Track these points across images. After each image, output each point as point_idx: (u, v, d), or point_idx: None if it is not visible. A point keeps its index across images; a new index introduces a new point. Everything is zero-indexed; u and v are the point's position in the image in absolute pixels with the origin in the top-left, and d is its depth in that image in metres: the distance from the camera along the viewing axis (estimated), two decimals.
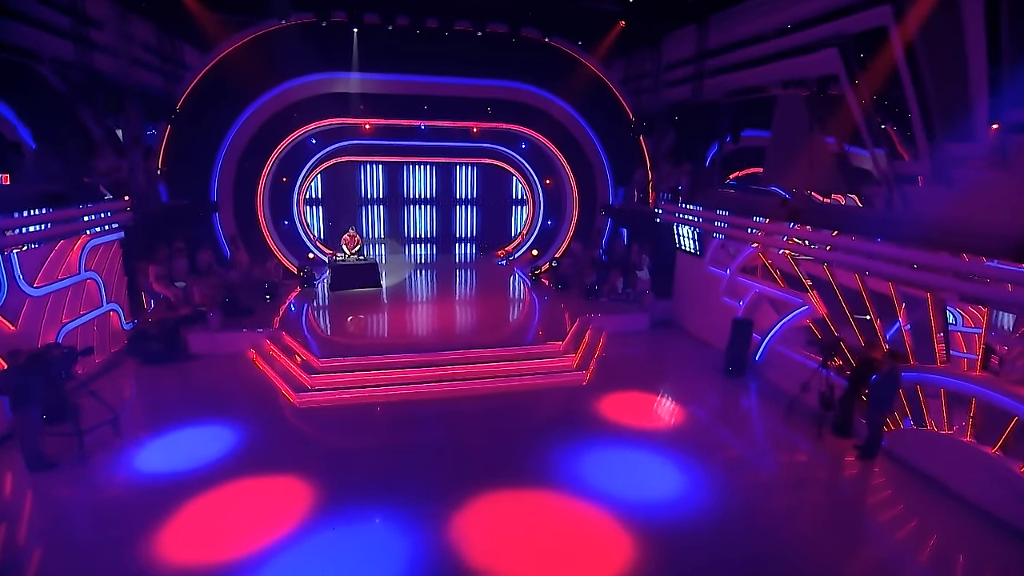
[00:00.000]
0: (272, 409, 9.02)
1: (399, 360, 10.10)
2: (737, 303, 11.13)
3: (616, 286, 14.00)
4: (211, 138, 13.81)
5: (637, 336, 12.49)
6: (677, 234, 13.11)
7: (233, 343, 11.13)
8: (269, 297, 13.32)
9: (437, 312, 12.80)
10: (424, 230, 19.69)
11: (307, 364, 10.12)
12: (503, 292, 14.58)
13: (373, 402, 9.25)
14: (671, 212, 12.85)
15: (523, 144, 17.93)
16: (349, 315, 12.38)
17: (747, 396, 9.90)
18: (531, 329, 11.59)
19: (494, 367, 10.09)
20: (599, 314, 12.46)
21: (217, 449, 7.83)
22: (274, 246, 15.39)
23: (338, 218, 18.06)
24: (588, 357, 10.86)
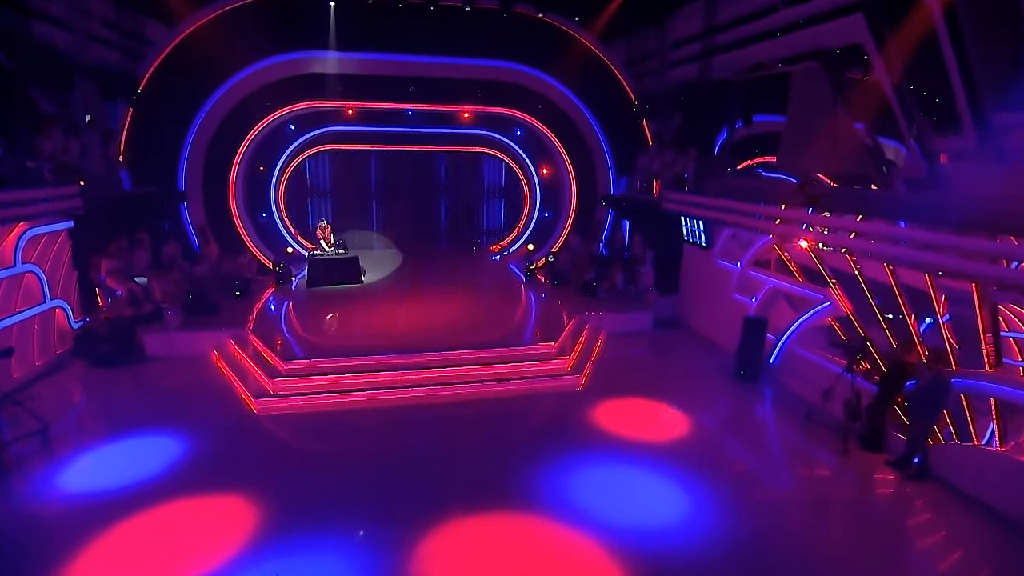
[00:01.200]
0: (228, 418, 8.42)
1: (370, 363, 9.53)
2: (749, 300, 10.62)
3: (616, 282, 13.48)
4: (178, 121, 13.24)
5: (639, 336, 11.99)
6: (683, 225, 12.59)
7: (194, 344, 10.53)
8: (240, 294, 12.75)
9: (418, 310, 12.33)
10: (414, 222, 19.28)
11: (270, 367, 9.50)
12: (493, 289, 14.15)
13: (341, 409, 8.68)
14: (677, 201, 12.33)
15: (518, 130, 17.42)
16: (321, 313, 11.95)
17: (761, 403, 9.30)
18: (521, 329, 11.11)
19: (478, 370, 9.59)
20: (597, 312, 11.98)
21: (157, 464, 7.15)
22: (248, 239, 14.86)
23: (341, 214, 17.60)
24: (584, 359, 10.34)
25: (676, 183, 13.03)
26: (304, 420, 8.41)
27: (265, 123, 14.42)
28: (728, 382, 9.87)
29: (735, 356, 9.90)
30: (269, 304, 12.60)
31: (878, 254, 7.75)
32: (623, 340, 11.58)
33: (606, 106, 15.32)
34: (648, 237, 14.07)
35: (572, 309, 11.94)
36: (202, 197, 14.11)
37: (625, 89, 15.27)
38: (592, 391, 9.37)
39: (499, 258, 17.40)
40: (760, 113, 13.21)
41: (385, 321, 11.62)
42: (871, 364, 8.04)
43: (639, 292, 13.09)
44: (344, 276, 14.07)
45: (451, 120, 17.06)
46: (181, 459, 7.25)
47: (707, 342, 11.80)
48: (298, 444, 7.79)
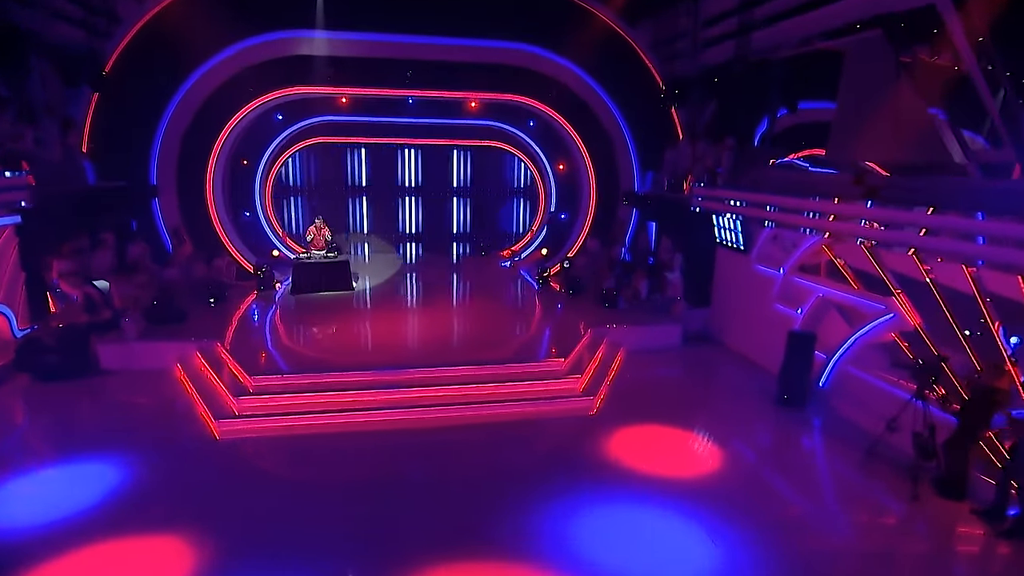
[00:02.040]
0: (183, 442, 7.94)
1: (351, 380, 9.05)
2: (794, 311, 10.07)
3: (639, 291, 12.97)
4: (149, 108, 12.94)
5: (665, 353, 11.47)
6: (717, 226, 12.07)
7: (155, 356, 10.14)
8: (214, 301, 12.45)
9: (413, 322, 12.06)
10: (415, 224, 19.20)
11: (236, 383, 9.05)
12: (500, 298, 13.87)
13: (314, 433, 8.21)
14: (709, 198, 11.81)
15: (531, 121, 17.08)
16: (303, 324, 11.66)
17: (809, 434, 8.63)
18: (528, 343, 10.74)
19: (474, 390, 9.09)
20: (617, 325, 11.52)
21: (91, 496, 6.62)
22: (227, 240, 14.53)
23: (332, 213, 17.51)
24: (599, 379, 9.83)
25: (708, 178, 12.50)
26: (272, 445, 7.94)
27: (247, 111, 14.14)
28: (769, 408, 9.29)
29: (777, 377, 9.35)
30: (245, 313, 12.32)
31: (954, 254, 6.96)
32: (646, 358, 11.11)
33: (629, 92, 14.87)
34: (677, 240, 13.62)
35: (588, 321, 11.58)
36: (176, 193, 13.87)
37: (651, 73, 14.77)
38: (607, 416, 8.86)
39: (509, 264, 17.20)
40: (806, 100, 12.62)
41: (374, 333, 11.35)
42: (948, 390, 7.19)
43: (665, 303, 12.64)
44: (333, 282, 13.76)
45: (457, 110, 16.82)
46: (121, 490, 6.76)
47: (744, 361, 11.32)
48: (261, 474, 7.31)
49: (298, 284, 13.57)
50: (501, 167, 18.97)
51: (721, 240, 12.06)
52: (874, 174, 9.18)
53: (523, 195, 19.30)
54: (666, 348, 11.63)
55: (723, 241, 12.01)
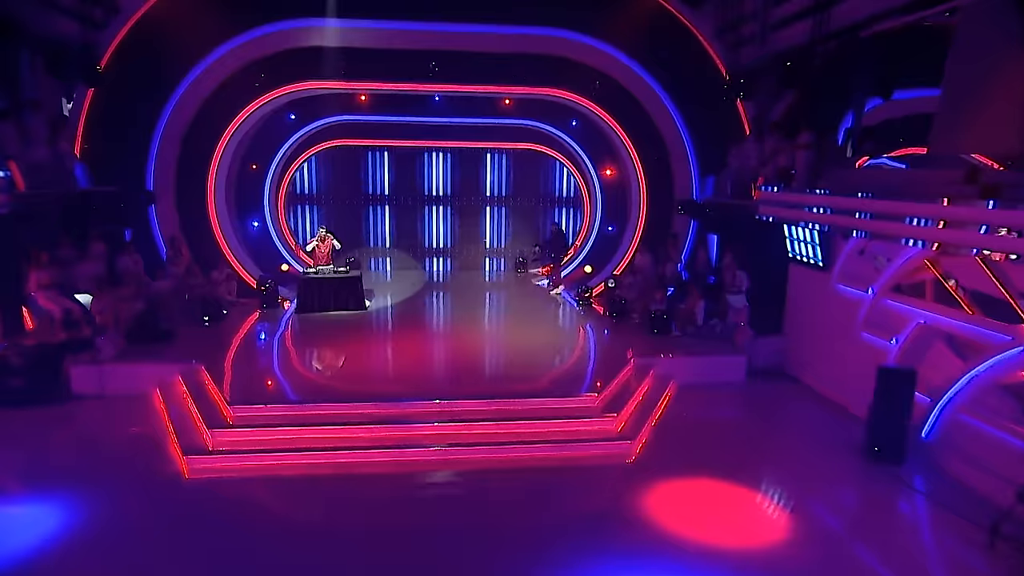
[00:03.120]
0: (145, 481, 7.59)
1: (344, 413, 8.69)
2: (887, 341, 9.17)
3: (695, 315, 12.27)
4: (146, 106, 13.05)
5: (724, 390, 10.81)
6: (790, 238, 11.31)
7: (133, 380, 9.94)
8: (208, 319, 12.42)
9: (430, 348, 11.85)
10: (443, 238, 19.29)
11: (214, 413, 8.76)
12: (533, 322, 13.55)
13: (297, 475, 7.84)
14: (781, 205, 11.12)
15: (573, 120, 16.83)
16: (305, 348, 11.71)
17: (909, 499, 7.64)
18: (558, 375, 10.32)
19: (488, 429, 8.58)
20: (667, 355, 10.99)
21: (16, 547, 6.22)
22: (228, 252, 14.52)
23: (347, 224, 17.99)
24: (640, 419, 9.18)
25: (780, 181, 11.71)
26: (248, 488, 7.53)
27: (253, 109, 14.14)
28: (856, 462, 8.40)
29: (866, 424, 8.48)
30: (240, 333, 12.25)
31: None
32: (701, 395, 10.46)
33: (687, 84, 14.32)
34: (741, 256, 12.93)
35: (632, 350, 11.12)
36: (174, 199, 13.96)
37: (713, 61, 14.10)
38: (649, 464, 8.19)
39: (548, 283, 16.92)
40: (904, 87, 11.57)
41: (380, 361, 11.26)
42: None
43: (727, 329, 12.00)
44: (342, 301, 13.67)
45: (489, 108, 16.72)
46: (58, 539, 6.37)
47: (824, 401, 10.52)
48: (231, 522, 6.86)
49: (303, 302, 13.49)
50: (541, 173, 18.87)
51: (795, 255, 11.32)
52: (990, 170, 8.08)
53: (567, 205, 19.13)
54: (726, 384, 10.96)
55: (798, 256, 11.26)
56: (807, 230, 10.74)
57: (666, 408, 9.84)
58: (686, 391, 10.37)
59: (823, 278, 10.54)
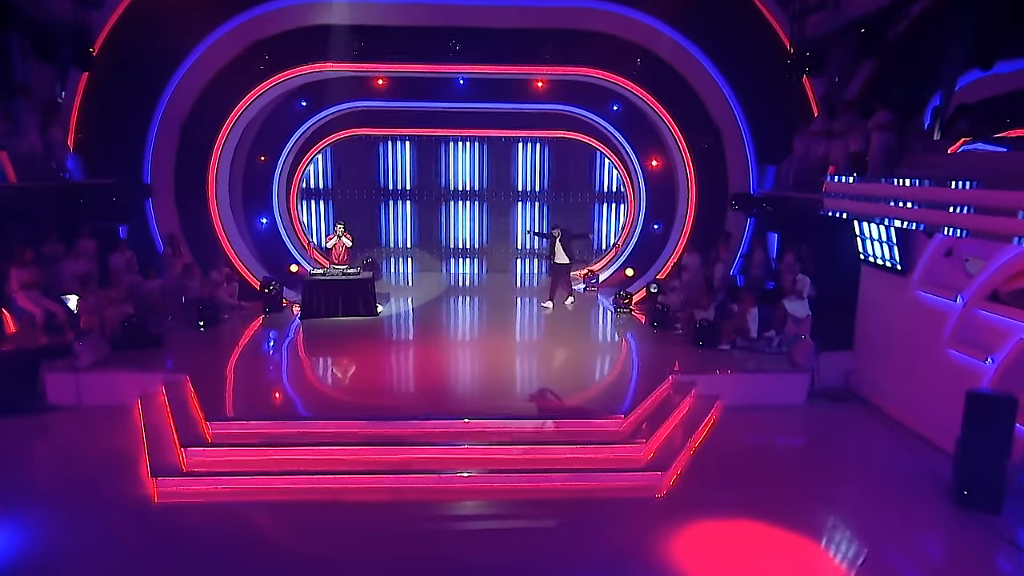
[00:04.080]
0: (109, 504, 7.47)
1: (336, 432, 8.56)
2: (980, 360, 8.68)
3: (748, 325, 11.79)
4: (143, 92, 13.21)
5: (781, 414, 10.40)
6: (861, 236, 10.83)
7: (113, 390, 9.96)
8: (204, 324, 12.50)
9: (443, 360, 11.67)
10: (469, 236, 19.26)
11: (191, 429, 8.63)
12: (563, 332, 13.35)
13: (279, 501, 7.68)
14: (852, 197, 10.56)
15: (615, 104, 16.50)
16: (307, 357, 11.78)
17: (1007, 556, 6.99)
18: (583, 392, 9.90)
19: (493, 453, 8.30)
20: (712, 373, 10.67)
21: None
22: (232, 251, 14.60)
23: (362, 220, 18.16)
24: (676, 447, 8.80)
25: (853, 169, 11.25)
26: (224, 515, 7.37)
27: (257, 94, 14.15)
28: (941, 507, 7.83)
29: (954, 460, 7.90)
30: (236, 340, 12.27)
31: None
32: (753, 419, 10.09)
33: (744, 59, 13.92)
34: (805, 257, 12.53)
35: (672, 365, 10.94)
36: (173, 193, 14.12)
37: (774, 31, 13.63)
38: (682, 501, 7.82)
39: (585, 288, 16.75)
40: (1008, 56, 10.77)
41: (385, 374, 11.16)
42: None
43: (786, 343, 11.49)
44: (351, 306, 13.60)
45: (519, 92, 16.47)
46: None
47: (902, 430, 10.00)
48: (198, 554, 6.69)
49: (308, 306, 13.45)
50: (581, 165, 18.70)
51: (868, 256, 10.83)
52: None
53: (610, 200, 18.93)
54: (783, 406, 10.52)
55: (870, 257, 10.78)
56: (882, 227, 10.19)
57: (709, 434, 9.49)
58: (734, 414, 10.04)
59: (901, 283, 10.11)
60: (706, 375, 10.45)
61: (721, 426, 9.71)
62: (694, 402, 9.91)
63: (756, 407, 10.22)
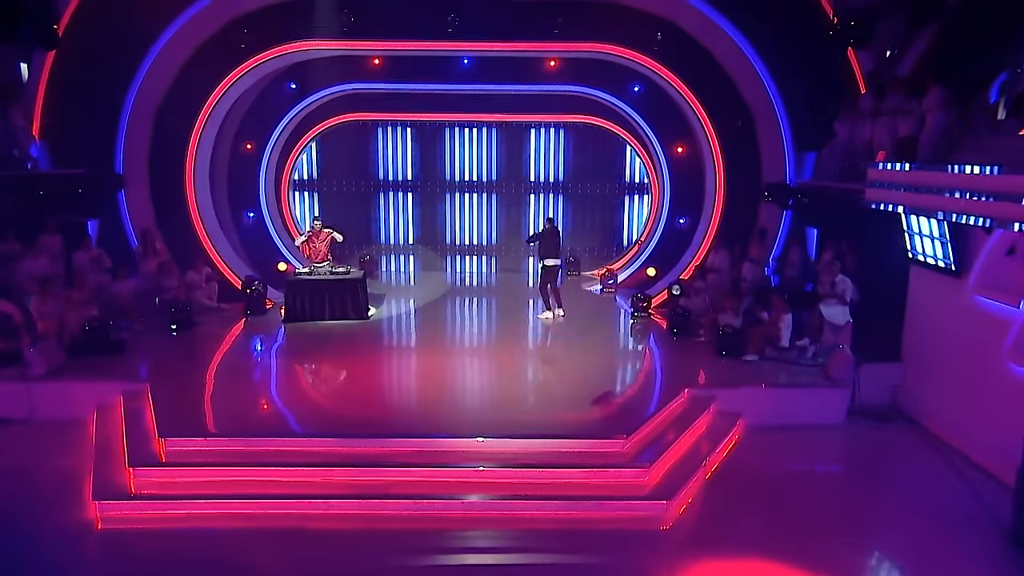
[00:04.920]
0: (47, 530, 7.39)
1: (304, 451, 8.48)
2: None
3: (779, 332, 11.47)
4: (113, 74, 13.11)
5: (814, 435, 10.22)
6: (909, 231, 10.57)
7: (67, 401, 9.94)
8: (176, 328, 12.46)
9: (433, 370, 11.56)
10: (477, 232, 19.30)
11: (143, 446, 8.52)
12: (573, 339, 13.14)
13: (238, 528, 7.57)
14: (900, 187, 10.24)
15: (636, 85, 16.27)
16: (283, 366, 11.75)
17: None
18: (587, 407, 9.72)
19: (477, 477, 8.11)
20: (735, 385, 10.49)
21: None
22: (212, 248, 14.50)
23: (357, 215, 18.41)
24: (687, 472, 8.50)
25: (901, 154, 10.87)
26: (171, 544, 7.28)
27: (238, 75, 14.02)
28: (998, 548, 7.57)
29: (1015, 493, 7.54)
30: (210, 346, 12.30)
31: None
32: (782, 440, 9.86)
33: (780, 32, 13.52)
34: (846, 255, 12.19)
35: (690, 376, 10.84)
36: (148, 184, 14.06)
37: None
38: (691, 535, 7.59)
39: (602, 289, 16.73)
40: None
41: (365, 385, 10.92)
42: None
43: (823, 353, 11.20)
44: (339, 308, 13.55)
45: (530, 72, 16.37)
46: None
47: (954, 455, 9.73)
48: None
49: (291, 309, 13.41)
50: (604, 152, 18.69)
51: (916, 254, 10.53)
52: None
53: (636, 191, 18.88)
54: (817, 426, 10.27)
55: (919, 256, 10.47)
56: (933, 222, 9.91)
57: (728, 457, 9.28)
58: (759, 434, 9.80)
59: (956, 286, 9.80)
60: (728, 389, 10.25)
61: (743, 448, 9.50)
62: (712, 420, 9.68)
63: (785, 426, 10.01)
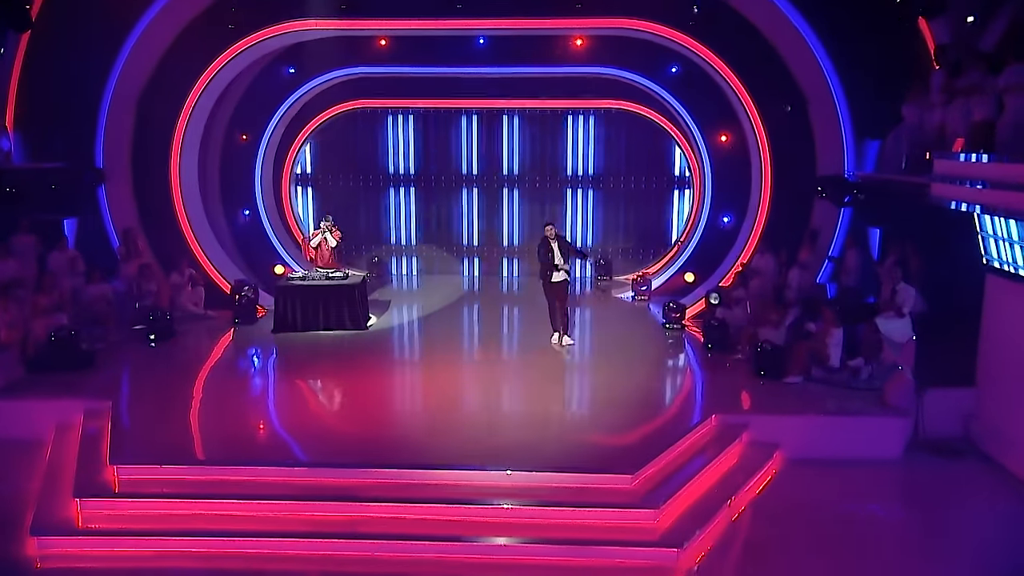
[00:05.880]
0: None
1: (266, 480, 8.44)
2: None
3: (827, 350, 11.15)
4: (92, 59, 13.19)
5: (867, 472, 9.79)
6: (983, 233, 10.27)
7: (23, 420, 10.04)
8: (154, 338, 12.48)
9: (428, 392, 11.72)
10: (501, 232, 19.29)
11: (92, 474, 8.54)
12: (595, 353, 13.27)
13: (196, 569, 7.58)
14: (974, 181, 9.99)
15: (673, 66, 16.13)
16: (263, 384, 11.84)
17: None
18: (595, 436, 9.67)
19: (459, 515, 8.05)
20: (772, 413, 10.25)
21: None
22: (200, 249, 14.58)
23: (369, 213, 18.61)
24: (706, 514, 8.21)
25: (977, 142, 10.52)
26: None
27: (227, 59, 14.06)
28: None
29: None
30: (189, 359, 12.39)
31: None
32: (826, 477, 9.52)
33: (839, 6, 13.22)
34: (912, 261, 11.87)
35: (721, 399, 10.73)
36: (130, 179, 14.16)
37: None
38: None
39: (634, 297, 16.64)
40: None
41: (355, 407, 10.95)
42: None
43: (881, 374, 10.79)
44: (334, 317, 13.56)
45: (556, 53, 16.44)
46: None
47: None
48: None
49: (282, 317, 13.43)
50: (649, 142, 18.55)
51: (993, 261, 10.16)
52: None
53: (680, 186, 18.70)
54: (872, 461, 9.87)
55: (996, 262, 10.10)
56: (1012, 223, 9.54)
57: (761, 496, 8.92)
58: (801, 469, 9.45)
59: None
60: (764, 415, 10.02)
61: (780, 486, 9.17)
62: (744, 452, 9.44)
63: (831, 461, 9.62)
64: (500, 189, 18.89)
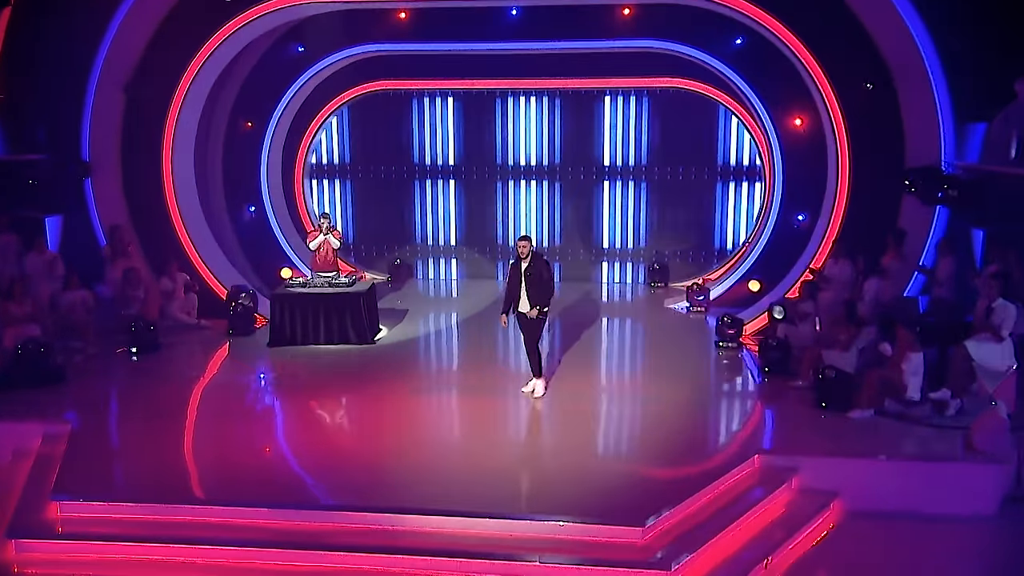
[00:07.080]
0: None
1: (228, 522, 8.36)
2: None
3: (902, 379, 10.47)
4: (76, 39, 13.40)
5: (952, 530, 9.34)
6: None
7: None
8: (137, 351, 12.55)
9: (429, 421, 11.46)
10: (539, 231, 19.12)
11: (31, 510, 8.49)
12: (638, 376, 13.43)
13: None
14: None
15: (738, 38, 15.75)
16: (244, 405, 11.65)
17: None
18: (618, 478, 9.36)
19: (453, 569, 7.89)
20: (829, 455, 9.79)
21: None
22: (194, 251, 14.64)
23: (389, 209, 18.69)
24: None
25: None
26: None
27: (224, 37, 13.97)
28: None
29: None
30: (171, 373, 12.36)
31: None
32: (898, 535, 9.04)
33: None
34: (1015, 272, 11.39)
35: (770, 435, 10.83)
36: (120, 172, 14.27)
37: None
38: None
39: (689, 308, 16.35)
40: None
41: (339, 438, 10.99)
42: None
43: (972, 409, 10.32)
44: (336, 330, 13.45)
45: (597, 24, 16.22)
46: None
47: None
48: None
49: (278, 329, 13.38)
50: (695, 126, 18.19)
51: None
52: None
53: (740, 178, 18.38)
54: (958, 518, 9.30)
55: None
56: None
57: (810, 554, 8.44)
58: (864, 524, 8.97)
59: None
60: (820, 457, 9.49)
61: (837, 543, 8.66)
62: (792, 500, 8.97)
63: (906, 515, 9.08)
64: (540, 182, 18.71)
